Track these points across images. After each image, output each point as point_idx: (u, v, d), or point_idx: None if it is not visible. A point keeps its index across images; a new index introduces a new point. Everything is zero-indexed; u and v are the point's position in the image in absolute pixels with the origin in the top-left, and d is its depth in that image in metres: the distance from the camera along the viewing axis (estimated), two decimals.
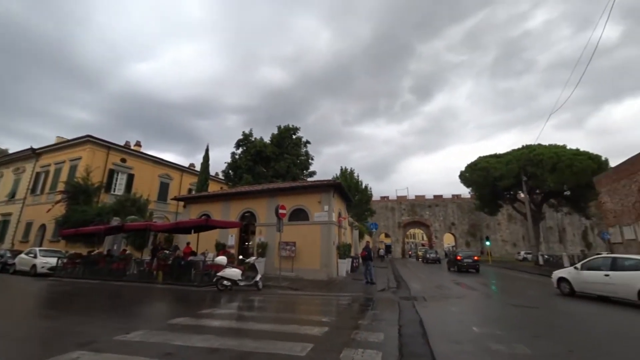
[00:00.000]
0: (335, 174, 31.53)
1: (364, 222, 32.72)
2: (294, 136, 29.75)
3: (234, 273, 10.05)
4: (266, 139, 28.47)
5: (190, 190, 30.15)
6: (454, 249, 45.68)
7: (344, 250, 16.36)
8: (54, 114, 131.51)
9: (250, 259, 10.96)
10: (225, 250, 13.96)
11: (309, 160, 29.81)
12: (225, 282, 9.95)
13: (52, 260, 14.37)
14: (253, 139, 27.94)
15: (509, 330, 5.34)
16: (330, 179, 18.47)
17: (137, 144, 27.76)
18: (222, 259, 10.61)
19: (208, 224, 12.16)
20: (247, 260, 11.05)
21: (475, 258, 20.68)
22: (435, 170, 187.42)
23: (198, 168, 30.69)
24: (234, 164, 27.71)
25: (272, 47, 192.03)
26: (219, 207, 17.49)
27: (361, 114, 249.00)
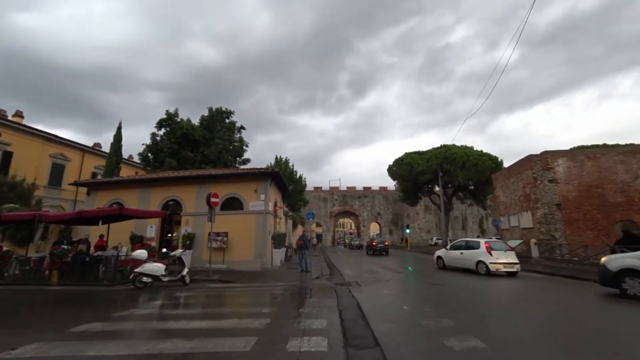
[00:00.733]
0: (269, 163, 30.72)
1: (298, 212, 32.98)
2: (227, 120, 27.82)
3: (156, 268, 8.97)
4: (195, 122, 25.96)
5: (95, 174, 25.72)
6: (377, 236, 51.55)
7: (279, 240, 16.21)
8: None
9: (176, 252, 9.91)
10: (144, 243, 12.38)
11: (244, 147, 28.29)
12: (144, 279, 8.80)
13: None
14: (179, 120, 25.11)
15: (433, 306, 6.02)
16: (268, 167, 17.92)
17: (18, 115, 21.99)
18: (142, 253, 9.34)
19: (123, 214, 10.51)
20: (173, 253, 9.98)
21: (386, 243, 25.57)
22: (365, 164, 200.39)
23: (105, 149, 26.34)
24: (155, 147, 24.55)
25: (205, 21, 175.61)
26: (136, 195, 15.35)
27: (298, 104, 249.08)
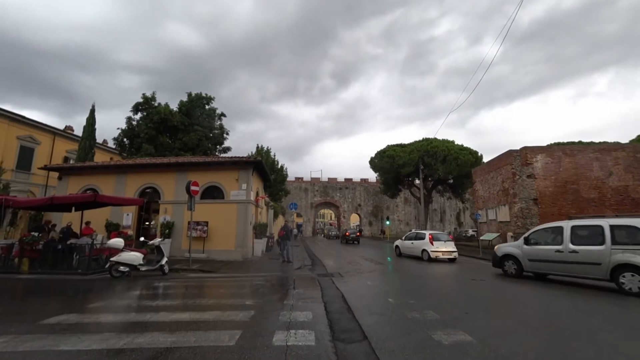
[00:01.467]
0: (250, 152, 30.13)
1: (279, 202, 32.77)
2: (206, 106, 26.83)
3: (134, 257, 8.62)
4: (173, 107, 24.86)
5: (67, 159, 24.24)
6: (356, 227, 52.63)
7: (260, 230, 16.02)
8: None
9: (155, 241, 9.54)
10: (120, 232, 11.86)
11: (224, 135, 27.53)
12: (121, 268, 8.45)
13: None
14: (156, 104, 23.95)
15: (418, 299, 6.12)
16: (250, 156, 17.52)
17: None
18: (119, 241, 8.91)
19: (97, 201, 9.95)
20: (151, 242, 9.60)
21: (358, 234, 29.92)
22: (346, 155, 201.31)
23: (78, 132, 24.79)
24: (131, 132, 23.37)
25: (184, 1, 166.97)
26: (111, 181, 14.63)
27: (280, 93, 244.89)
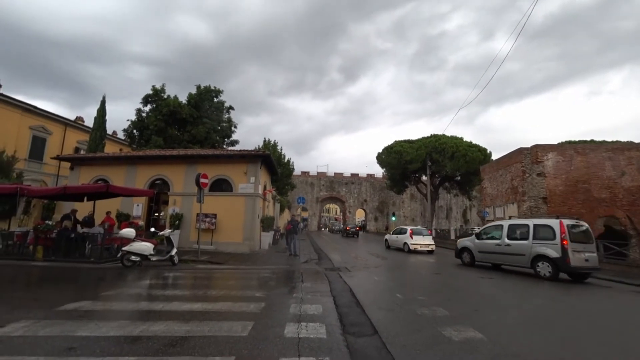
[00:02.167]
0: (257, 145, 30.23)
1: (285, 196, 32.92)
2: (215, 99, 26.90)
3: (145, 247, 8.78)
4: (182, 99, 24.98)
5: (77, 149, 24.61)
6: (361, 222, 53.12)
7: (267, 223, 16.15)
8: None
9: (166, 232, 9.72)
10: (131, 222, 12.07)
11: (232, 128, 27.62)
12: (132, 258, 8.62)
13: None
14: (165, 97, 24.10)
15: (427, 295, 6.16)
16: (259, 150, 17.57)
17: None
18: (130, 232, 9.09)
19: (109, 191, 10.12)
20: (161, 233, 9.77)
21: (357, 228, 32.90)
22: (353, 150, 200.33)
23: (88, 123, 25.13)
24: (140, 123, 23.58)
25: None
26: (122, 172, 14.82)
27: (287, 86, 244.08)
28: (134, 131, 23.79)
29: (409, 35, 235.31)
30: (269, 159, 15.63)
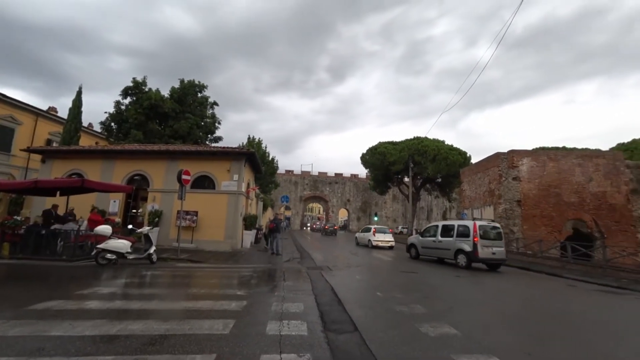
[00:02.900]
0: (241, 143, 29.85)
1: (268, 195, 32.69)
2: (199, 94, 26.35)
3: (122, 245, 8.49)
4: (164, 93, 24.28)
5: (50, 141, 23.38)
6: (344, 222, 53.77)
7: (250, 222, 16.00)
8: None
9: (144, 229, 9.45)
10: (107, 219, 11.63)
11: (216, 124, 27.14)
12: (108, 256, 8.32)
13: None
14: (146, 89, 23.34)
15: (405, 293, 6.34)
16: (243, 147, 17.36)
17: None
18: (107, 229, 8.77)
19: (85, 186, 9.70)
20: (140, 230, 9.50)
21: (335, 227, 35.87)
22: (338, 150, 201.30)
23: (62, 114, 23.98)
24: (119, 116, 22.73)
25: None
26: (97, 166, 14.25)
27: (274, 84, 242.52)
28: (112, 124, 22.90)
29: (396, 38, 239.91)
30: (254, 157, 15.49)
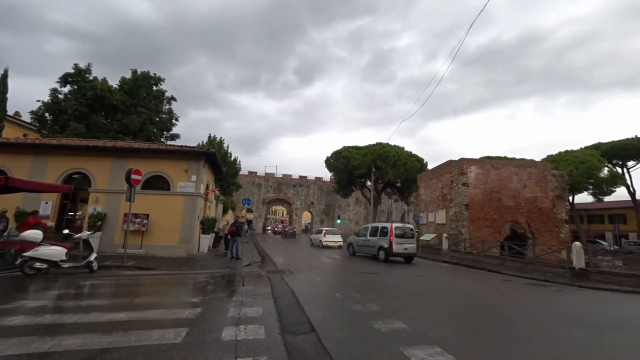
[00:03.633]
0: (201, 141, 28.48)
1: (229, 196, 31.58)
2: (154, 87, 24.69)
3: (54, 252, 7.55)
4: (113, 84, 22.33)
5: None
6: (307, 225, 53.85)
7: (208, 225, 15.29)
8: None
9: (83, 234, 8.49)
10: (38, 222, 10.27)
11: (173, 121, 25.60)
12: (37, 265, 7.33)
13: None
14: (91, 78, 21.27)
15: (362, 293, 6.51)
16: (203, 147, 16.58)
17: None
18: (36, 234, 7.72)
19: (9, 185, 8.49)
20: (78, 235, 8.53)
21: (295, 230, 36.67)
22: (303, 152, 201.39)
23: None
24: (56, 106, 20.44)
25: None
26: (27, 162, 12.63)
27: (240, 82, 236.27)
28: (46, 114, 20.52)
29: (364, 47, 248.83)
30: (214, 158, 14.86)
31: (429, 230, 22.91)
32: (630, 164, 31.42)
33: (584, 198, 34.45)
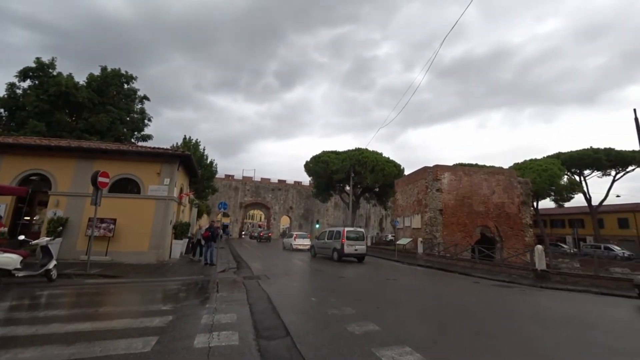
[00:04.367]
0: (175, 143, 27.52)
1: (205, 200, 30.69)
2: (125, 86, 23.64)
3: (7, 260, 6.97)
4: (80, 81, 21.14)
5: None
6: (286, 230, 53.44)
7: (181, 230, 14.74)
8: None
9: (41, 240, 7.91)
10: None
11: (145, 121, 24.58)
12: None
13: None
14: (55, 74, 20.02)
15: (338, 297, 6.56)
16: (177, 149, 16.03)
17: None
18: None
19: None
20: (35, 242, 7.95)
21: (270, 235, 38.31)
22: (283, 157, 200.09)
23: None
24: (13, 102, 19.08)
25: None
26: None
27: (218, 83, 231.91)
28: (2, 111, 19.03)
29: (345, 54, 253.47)
30: (190, 160, 14.41)
31: (405, 234, 23.50)
32: (586, 172, 34.12)
33: (546, 204, 36.80)
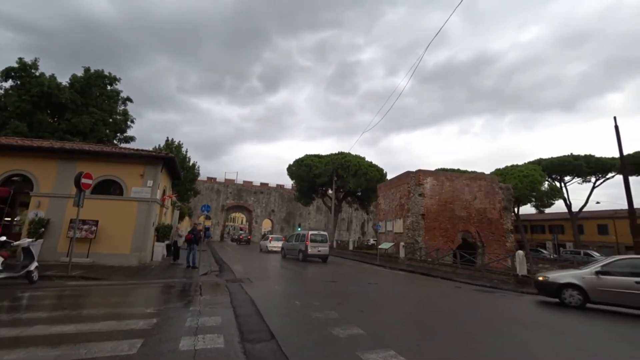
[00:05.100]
0: (158, 145, 27.14)
1: (187, 202, 30.30)
2: (109, 87, 23.27)
3: None
4: (63, 82, 20.68)
5: None
6: (267, 233, 53.42)
7: (164, 232, 14.61)
8: None
9: (23, 241, 7.79)
10: None
11: (128, 122, 24.23)
12: None
13: None
14: (37, 74, 19.54)
15: (322, 300, 6.76)
16: (161, 150, 15.87)
17: None
18: None
19: None
20: (17, 243, 7.82)
21: (249, 237, 40.71)
22: (266, 160, 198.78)
23: None
24: None
25: None
26: None
27: (202, 86, 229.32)
28: None
29: (328, 58, 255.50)
30: (173, 162, 14.32)
31: (387, 238, 23.90)
32: (567, 178, 35.21)
33: (527, 209, 37.65)
